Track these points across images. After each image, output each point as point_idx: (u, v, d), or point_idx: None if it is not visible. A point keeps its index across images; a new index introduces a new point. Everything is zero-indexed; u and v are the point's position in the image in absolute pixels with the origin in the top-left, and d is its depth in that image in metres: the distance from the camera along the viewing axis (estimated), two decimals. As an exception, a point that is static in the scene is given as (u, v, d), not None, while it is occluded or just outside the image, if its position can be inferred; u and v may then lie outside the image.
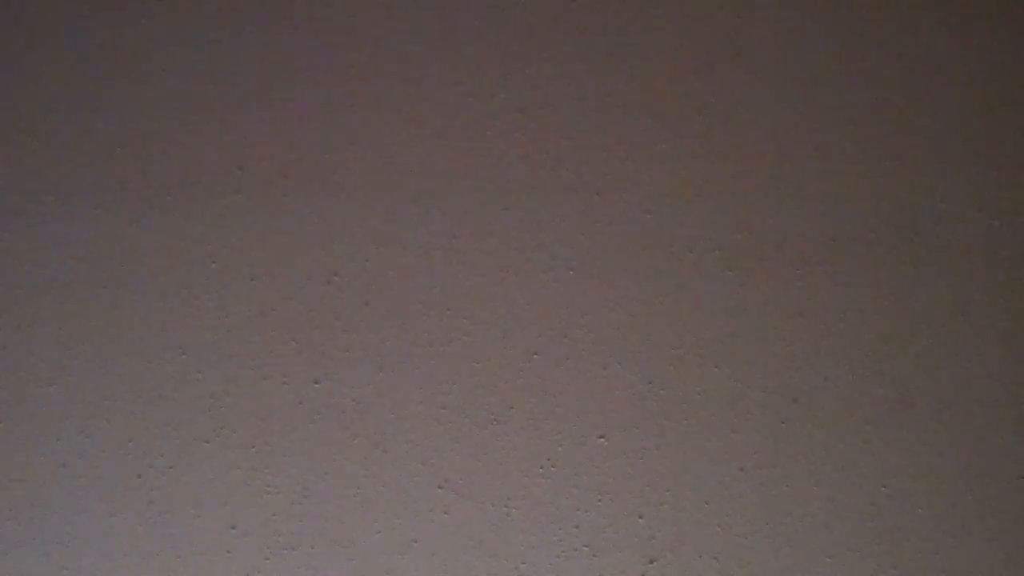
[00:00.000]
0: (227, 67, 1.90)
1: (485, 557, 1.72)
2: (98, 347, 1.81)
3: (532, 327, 1.80)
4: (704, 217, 1.83)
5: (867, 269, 1.80)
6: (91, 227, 1.85)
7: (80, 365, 1.80)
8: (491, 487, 1.75)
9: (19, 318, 1.82)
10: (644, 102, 1.87)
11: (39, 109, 1.89)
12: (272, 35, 1.91)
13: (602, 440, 1.76)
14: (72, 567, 1.74)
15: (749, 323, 1.79)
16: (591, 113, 1.87)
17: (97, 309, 1.82)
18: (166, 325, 1.81)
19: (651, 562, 1.72)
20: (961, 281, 1.79)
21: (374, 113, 1.88)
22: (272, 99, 1.88)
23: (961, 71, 1.87)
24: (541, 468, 1.75)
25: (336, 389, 1.78)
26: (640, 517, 1.73)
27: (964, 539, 1.71)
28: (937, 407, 1.75)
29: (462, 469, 1.75)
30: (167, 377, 1.80)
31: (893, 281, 1.80)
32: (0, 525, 1.75)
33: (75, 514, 1.76)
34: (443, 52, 1.89)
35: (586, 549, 1.72)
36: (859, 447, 1.74)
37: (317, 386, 1.79)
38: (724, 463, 1.74)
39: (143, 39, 1.91)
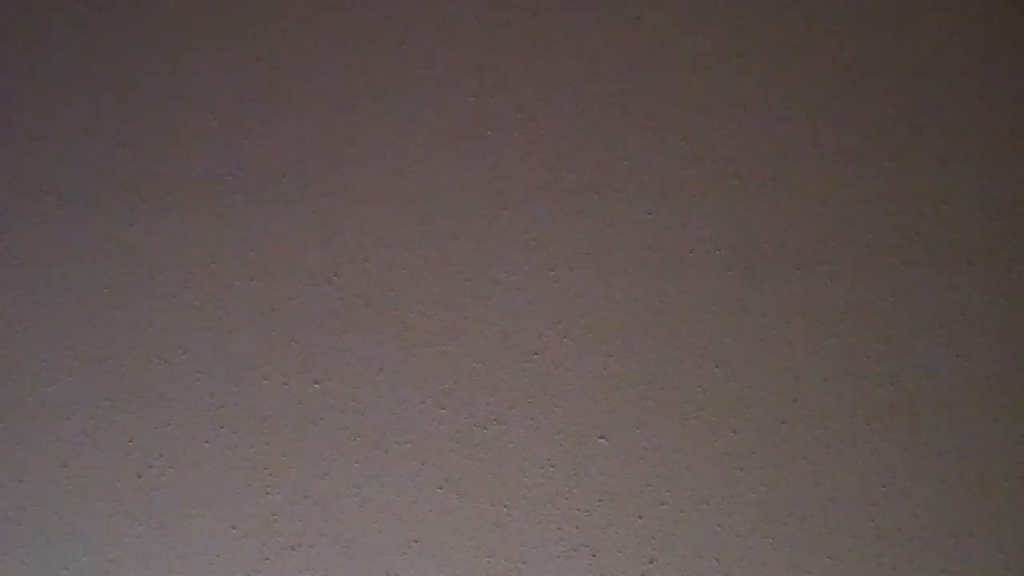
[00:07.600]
0: (227, 67, 1.90)
1: (485, 557, 1.72)
2: (98, 347, 1.81)
3: (532, 327, 1.80)
4: (704, 217, 1.82)
5: (867, 269, 1.80)
6: (91, 227, 1.85)
7: (80, 365, 1.80)
8: (491, 487, 1.75)
9: (19, 318, 1.82)
10: (644, 102, 1.87)
11: (39, 109, 1.89)
12: (272, 35, 1.91)
13: (602, 440, 1.76)
14: (72, 567, 1.74)
15: (749, 323, 1.79)
16: (591, 113, 1.87)
17: (97, 309, 1.82)
18: (166, 325, 1.81)
19: (651, 562, 1.72)
20: (961, 281, 1.79)
21: (374, 113, 1.88)
22: (272, 99, 1.88)
23: (961, 71, 1.87)
24: (541, 468, 1.75)
25: (336, 389, 1.78)
26: (640, 517, 1.73)
27: (964, 539, 1.71)
28: (937, 407, 1.75)
29: (462, 469, 1.75)
30: (167, 377, 1.80)
31: (893, 281, 1.80)
32: (0, 525, 1.75)
33: (75, 514, 1.76)
34: (443, 52, 1.89)
35: (586, 549, 1.72)
36: (859, 447, 1.74)
37: (317, 386, 1.78)
38: (724, 463, 1.74)
39: (143, 39, 1.91)
